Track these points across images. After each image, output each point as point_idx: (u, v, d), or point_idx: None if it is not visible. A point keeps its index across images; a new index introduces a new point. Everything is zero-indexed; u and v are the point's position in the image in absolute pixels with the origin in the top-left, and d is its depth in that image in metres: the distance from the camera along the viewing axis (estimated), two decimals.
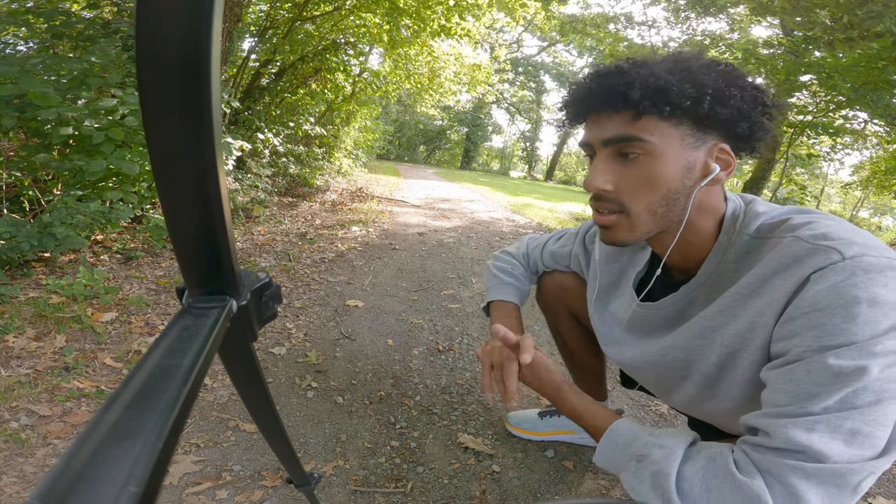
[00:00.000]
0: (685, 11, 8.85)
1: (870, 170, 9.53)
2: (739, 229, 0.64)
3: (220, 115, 0.26)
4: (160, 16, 0.18)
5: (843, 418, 0.49)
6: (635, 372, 0.86)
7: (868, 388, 0.48)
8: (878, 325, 0.49)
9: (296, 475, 0.61)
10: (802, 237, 0.57)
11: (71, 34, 2.87)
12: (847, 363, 0.49)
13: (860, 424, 0.48)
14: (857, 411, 0.48)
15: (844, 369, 0.49)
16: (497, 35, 21.01)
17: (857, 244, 0.53)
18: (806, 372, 0.51)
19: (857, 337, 0.49)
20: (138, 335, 1.69)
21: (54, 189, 2.45)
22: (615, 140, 0.62)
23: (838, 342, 0.50)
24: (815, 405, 0.50)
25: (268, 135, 4.59)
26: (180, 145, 0.22)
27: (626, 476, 0.59)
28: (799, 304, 0.53)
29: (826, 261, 0.53)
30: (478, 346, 1.90)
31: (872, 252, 0.52)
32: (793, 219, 0.61)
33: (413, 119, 23.98)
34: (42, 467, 1.08)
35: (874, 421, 0.48)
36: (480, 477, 1.19)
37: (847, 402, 0.49)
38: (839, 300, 0.50)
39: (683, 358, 0.71)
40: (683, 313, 0.72)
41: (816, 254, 0.54)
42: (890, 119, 5.95)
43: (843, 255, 0.52)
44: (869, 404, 0.48)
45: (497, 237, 4.31)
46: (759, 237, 0.63)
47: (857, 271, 0.51)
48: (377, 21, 5.42)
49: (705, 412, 0.75)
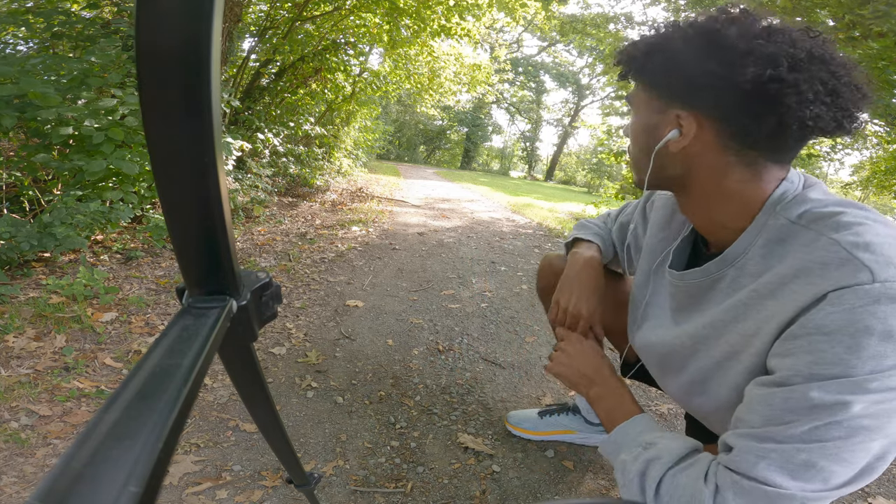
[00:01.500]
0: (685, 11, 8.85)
1: (870, 170, 9.53)
2: (779, 211, 0.58)
3: (220, 115, 0.26)
4: (160, 16, 0.18)
5: (800, 450, 0.47)
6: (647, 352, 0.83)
7: (841, 424, 0.46)
8: (882, 360, 0.45)
9: (296, 475, 0.61)
10: (841, 242, 0.50)
11: (71, 34, 2.87)
12: (828, 397, 0.46)
13: (817, 458, 0.46)
14: (818, 444, 0.47)
15: (824, 403, 0.46)
16: (497, 35, 20.99)
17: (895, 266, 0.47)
18: (784, 399, 0.49)
19: (855, 371, 0.45)
20: (138, 335, 1.69)
21: (54, 189, 2.45)
22: (626, 98, 0.72)
23: (832, 373, 0.46)
24: (782, 433, 0.48)
25: (268, 135, 4.59)
26: (180, 145, 0.22)
27: (625, 457, 0.62)
28: (805, 323, 0.49)
29: (853, 279, 0.47)
30: (480, 345, 1.91)
31: None
32: (844, 214, 0.53)
33: (413, 119, 23.98)
34: (42, 467, 1.08)
35: (834, 455, 0.46)
36: (480, 477, 1.19)
37: (813, 435, 0.47)
38: (849, 327, 0.46)
39: (691, 346, 0.69)
40: (707, 294, 0.67)
41: (846, 266, 0.48)
42: (890, 119, 5.95)
43: (874, 277, 0.46)
44: (835, 439, 0.46)
45: (497, 237, 4.31)
46: (798, 224, 0.56)
47: (883, 299, 0.45)
48: (377, 21, 5.42)
49: (692, 407, 0.75)
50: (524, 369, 1.75)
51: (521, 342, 1.99)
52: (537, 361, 1.82)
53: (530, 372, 1.74)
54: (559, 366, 0.85)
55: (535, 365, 1.79)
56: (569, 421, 1.31)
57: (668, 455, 0.58)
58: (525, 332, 2.09)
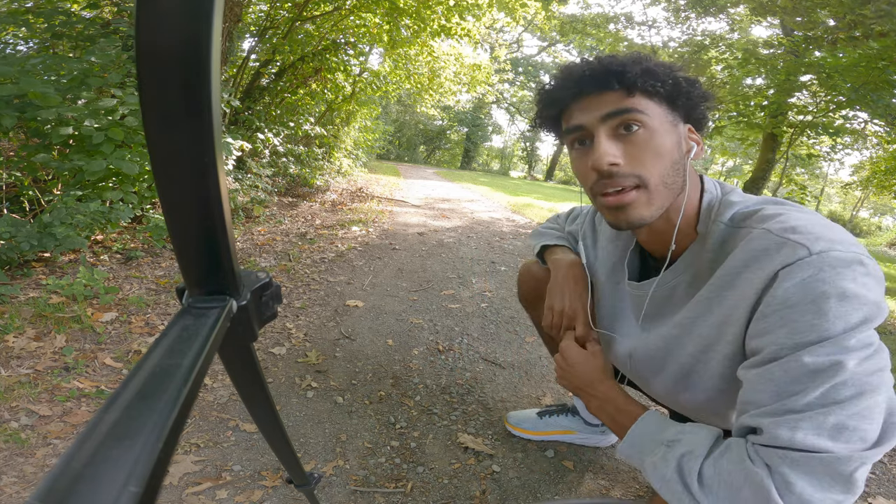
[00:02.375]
0: (685, 11, 8.85)
1: (870, 170, 9.53)
2: (715, 218, 0.65)
3: (220, 115, 0.26)
4: (160, 16, 0.18)
5: (825, 414, 0.49)
6: (623, 361, 0.85)
7: (847, 383, 0.49)
8: (848, 318, 0.50)
9: (296, 475, 0.61)
10: (772, 230, 0.57)
11: (71, 34, 2.87)
12: (823, 359, 0.49)
13: (844, 419, 0.49)
14: (838, 406, 0.49)
15: (821, 365, 0.50)
16: (497, 35, 21.00)
17: (824, 239, 0.53)
18: (784, 371, 0.52)
19: (830, 332, 0.50)
20: (138, 335, 1.69)
21: (54, 189, 2.45)
22: (616, 113, 0.63)
23: (811, 339, 0.50)
24: (797, 402, 0.50)
25: (268, 135, 4.59)
26: (180, 145, 0.22)
27: (653, 459, 0.61)
28: (770, 302, 0.54)
29: (793, 256, 0.53)
30: (480, 345, 1.91)
31: (839, 246, 0.53)
32: (765, 209, 0.62)
33: (413, 119, 23.98)
34: (42, 467, 1.08)
35: (858, 415, 0.49)
36: (480, 477, 1.19)
37: (828, 398, 0.49)
38: (808, 296, 0.51)
39: (664, 347, 0.73)
40: (668, 300, 0.73)
41: (784, 248, 0.54)
42: (890, 119, 5.94)
43: (810, 251, 0.53)
44: (850, 398, 0.49)
45: (497, 237, 4.31)
46: (732, 226, 0.64)
47: (825, 266, 0.51)
48: (377, 21, 5.42)
49: (681, 404, 0.77)
50: (524, 369, 1.75)
51: (521, 342, 1.99)
52: (537, 361, 1.82)
53: (530, 372, 1.74)
54: (561, 378, 0.84)
55: (535, 365, 1.79)
56: (568, 422, 1.31)
57: (699, 447, 0.58)
58: (525, 332, 2.09)
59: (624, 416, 0.71)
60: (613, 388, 0.76)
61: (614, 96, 0.63)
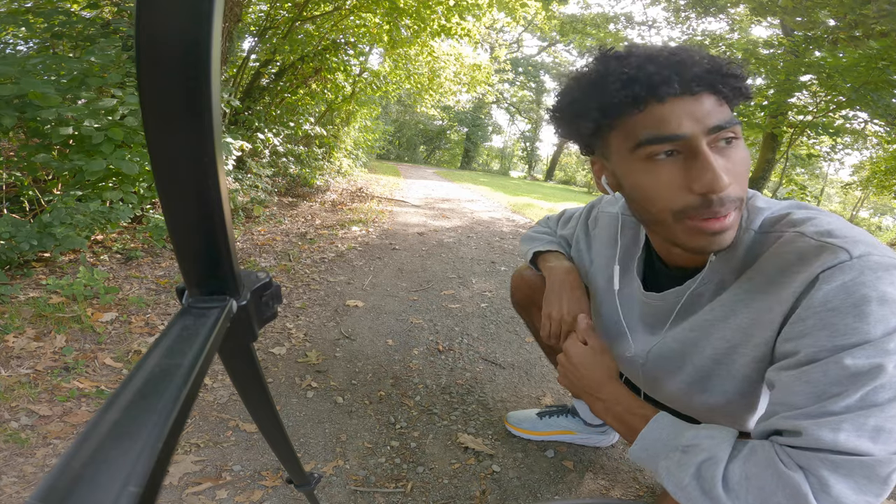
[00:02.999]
0: (685, 11, 8.85)
1: (870, 170, 9.53)
2: (746, 226, 0.63)
3: (220, 115, 0.26)
4: (160, 16, 0.18)
5: (865, 416, 0.49)
6: (630, 364, 0.84)
7: (886, 386, 0.49)
8: (888, 322, 0.49)
9: (296, 475, 0.61)
10: (807, 234, 0.56)
11: (71, 34, 2.87)
12: (863, 362, 0.49)
13: (882, 421, 0.49)
14: (878, 409, 0.49)
15: (861, 368, 0.49)
16: (497, 35, 21.00)
17: (862, 243, 0.53)
18: (823, 373, 0.51)
19: (871, 335, 0.49)
20: (138, 335, 1.69)
21: (54, 189, 2.45)
22: (723, 126, 0.55)
23: (852, 342, 0.50)
24: (836, 405, 0.50)
25: (268, 135, 4.59)
26: (180, 145, 0.22)
27: (667, 464, 0.59)
28: (809, 304, 0.53)
29: (835, 260, 0.52)
30: (480, 345, 1.91)
31: (877, 251, 0.53)
32: (794, 213, 0.61)
33: (413, 119, 23.98)
34: (42, 467, 1.08)
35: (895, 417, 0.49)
36: (480, 477, 1.19)
37: (867, 401, 0.49)
38: (850, 299, 0.51)
39: (679, 350, 0.72)
40: (689, 308, 0.71)
41: (824, 252, 0.54)
42: (890, 119, 5.94)
43: (850, 255, 0.52)
44: (889, 401, 0.49)
45: (497, 237, 4.31)
46: (762, 232, 0.62)
47: (866, 270, 0.51)
48: (377, 21, 5.42)
49: (694, 406, 0.75)
50: (524, 369, 1.75)
51: (521, 342, 1.99)
52: (537, 361, 1.82)
53: (530, 372, 1.74)
54: (564, 379, 0.81)
55: (535, 365, 1.79)
56: (568, 422, 1.31)
57: (720, 451, 0.56)
58: (525, 332, 2.09)
59: (634, 419, 0.67)
60: (620, 388, 0.73)
61: (710, 102, 0.56)
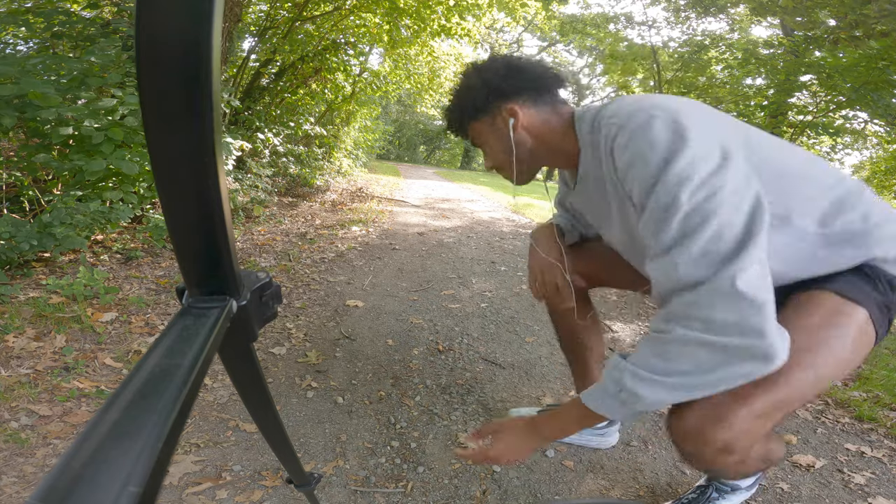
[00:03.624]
0: (685, 11, 8.84)
1: (870, 170, 9.53)
2: (580, 133, 0.86)
3: (220, 115, 0.26)
4: (160, 16, 0.18)
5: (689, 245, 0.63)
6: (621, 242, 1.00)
7: (692, 213, 0.63)
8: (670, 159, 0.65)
9: (296, 475, 0.61)
10: (602, 122, 0.79)
11: (71, 34, 2.87)
12: (662, 199, 0.66)
13: (707, 245, 0.62)
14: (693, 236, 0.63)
15: (663, 203, 0.66)
16: (497, 35, 20.98)
17: (624, 112, 0.74)
18: (649, 215, 0.68)
19: (657, 176, 0.66)
20: (138, 335, 1.69)
21: (54, 189, 2.45)
22: None
23: (648, 185, 0.67)
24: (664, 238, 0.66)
25: (268, 135, 4.59)
26: (180, 145, 0.22)
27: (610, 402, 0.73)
28: (619, 167, 0.74)
29: (616, 131, 0.74)
30: (480, 345, 1.90)
31: (639, 113, 0.71)
32: (603, 108, 0.82)
33: (413, 119, 23.97)
34: (42, 467, 1.08)
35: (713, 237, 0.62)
36: (480, 477, 1.19)
37: (685, 230, 0.64)
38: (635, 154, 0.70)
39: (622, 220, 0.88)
40: (591, 196, 0.94)
41: (611, 129, 0.75)
42: (890, 119, 5.94)
43: (622, 126, 0.72)
44: (699, 225, 0.63)
45: (497, 237, 4.31)
46: (591, 130, 0.84)
47: (637, 131, 0.70)
48: (377, 21, 5.42)
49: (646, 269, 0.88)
50: (524, 369, 1.75)
51: (521, 342, 1.99)
52: (537, 361, 1.82)
53: (530, 372, 1.74)
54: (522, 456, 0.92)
55: (535, 365, 1.79)
56: None
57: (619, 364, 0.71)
58: (525, 332, 2.09)
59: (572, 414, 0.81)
60: (546, 422, 0.85)
61: None
